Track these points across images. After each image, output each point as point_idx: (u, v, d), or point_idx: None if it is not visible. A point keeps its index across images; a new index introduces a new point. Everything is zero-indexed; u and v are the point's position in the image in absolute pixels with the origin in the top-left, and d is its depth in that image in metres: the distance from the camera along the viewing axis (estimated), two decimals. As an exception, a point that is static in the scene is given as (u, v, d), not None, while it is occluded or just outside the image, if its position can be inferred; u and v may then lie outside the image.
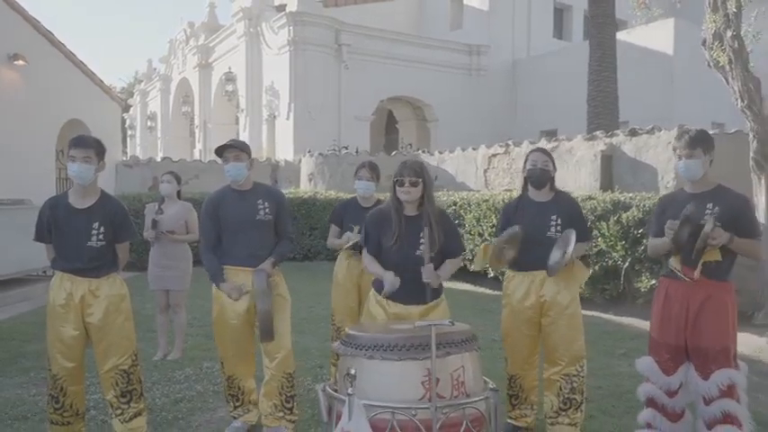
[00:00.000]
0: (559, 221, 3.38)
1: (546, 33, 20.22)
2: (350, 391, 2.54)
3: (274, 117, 17.28)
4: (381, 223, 3.23)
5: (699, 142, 3.21)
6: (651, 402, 3.37)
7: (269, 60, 17.56)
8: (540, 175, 3.46)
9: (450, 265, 3.25)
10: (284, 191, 12.64)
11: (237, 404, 3.60)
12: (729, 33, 6.45)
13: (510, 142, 10.29)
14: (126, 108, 33.99)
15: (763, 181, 6.84)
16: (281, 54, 16.56)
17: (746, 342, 6.25)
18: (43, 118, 10.62)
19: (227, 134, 20.78)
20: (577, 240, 3.34)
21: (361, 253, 3.38)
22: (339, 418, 2.57)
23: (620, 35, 16.48)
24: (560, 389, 3.40)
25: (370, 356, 2.62)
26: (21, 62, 10.04)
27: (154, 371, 4.75)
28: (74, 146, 3.36)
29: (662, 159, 7.94)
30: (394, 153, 13.48)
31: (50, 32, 10.98)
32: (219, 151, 3.57)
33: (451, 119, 18.41)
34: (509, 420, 3.65)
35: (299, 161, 14.25)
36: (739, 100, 6.61)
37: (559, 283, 3.37)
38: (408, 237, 3.17)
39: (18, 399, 4.13)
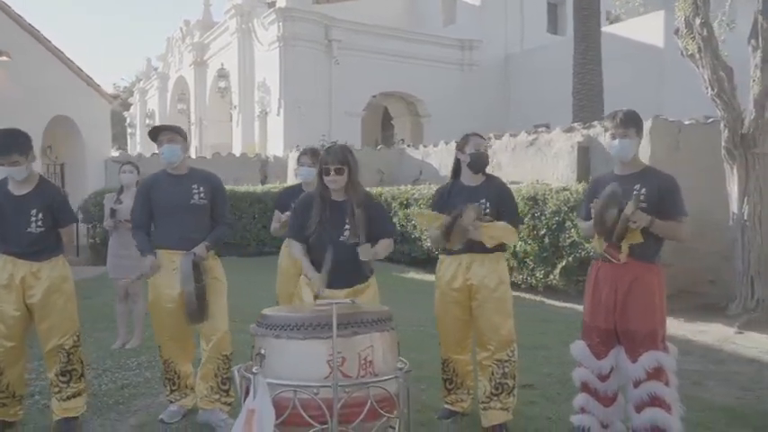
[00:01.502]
0: (488, 205, 3.38)
1: (539, 28, 20.14)
2: (255, 369, 2.56)
3: (266, 113, 17.31)
4: (308, 208, 3.24)
5: (631, 122, 3.20)
6: (585, 387, 3.36)
7: (260, 57, 17.59)
8: (480, 160, 3.48)
9: (383, 243, 3.24)
10: (269, 185, 12.79)
11: (174, 388, 3.62)
12: (698, 21, 6.42)
13: (491, 135, 10.27)
14: (127, 106, 34.25)
15: (735, 170, 6.81)
16: (272, 50, 16.59)
17: (715, 332, 6.24)
18: (29, 114, 10.67)
19: (222, 130, 20.87)
20: (503, 221, 3.36)
21: None
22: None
23: (612, 28, 16.44)
24: (492, 374, 3.40)
25: (276, 336, 2.63)
26: (4, 58, 10.11)
27: (108, 358, 4.79)
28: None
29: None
30: (379, 147, 13.48)
31: (35, 29, 11.05)
32: (154, 134, 3.59)
33: (444, 114, 18.35)
34: (446, 405, 3.65)
35: (288, 156, 14.28)
36: (709, 88, 6.58)
37: (486, 266, 3.37)
38: (333, 221, 3.18)
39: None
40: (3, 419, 3.42)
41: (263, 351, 2.65)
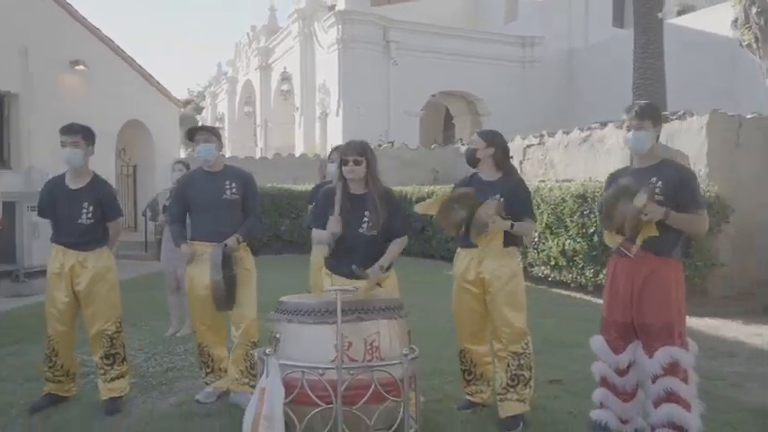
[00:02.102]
0: (501, 200, 3.42)
1: (605, 22, 19.59)
2: (268, 351, 2.75)
3: (326, 114, 17.72)
4: (330, 201, 3.40)
5: (647, 114, 3.17)
6: (603, 381, 3.34)
7: (321, 59, 18.02)
8: (470, 156, 3.55)
9: (395, 246, 3.36)
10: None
11: (209, 371, 3.87)
12: (754, 10, 6.14)
13: (544, 133, 10.15)
14: (200, 110, 35.83)
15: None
16: (331, 52, 16.97)
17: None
18: (104, 119, 11.40)
19: (286, 132, 21.50)
20: (519, 217, 3.40)
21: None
22: (267, 377, 2.76)
23: (683, 20, 15.78)
24: (508, 365, 3.44)
25: (289, 320, 2.81)
26: (82, 67, 10.89)
27: (159, 344, 5.14)
28: (63, 132, 3.72)
29: (693, 145, 7.61)
30: (433, 147, 13.54)
31: (110, 40, 11.82)
32: (191, 134, 3.85)
33: (504, 112, 18.15)
34: (467, 396, 3.72)
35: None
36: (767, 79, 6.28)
37: (498, 260, 3.41)
38: (353, 214, 3.32)
39: (35, 363, 4.58)
40: (58, 394, 3.77)
41: (278, 335, 2.83)
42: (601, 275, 7.63)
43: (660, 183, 3.08)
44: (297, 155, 16.56)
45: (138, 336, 5.45)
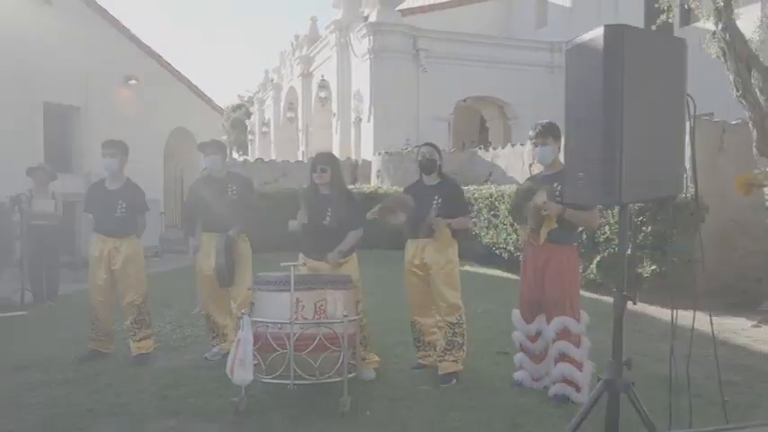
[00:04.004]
0: (440, 201, 4.23)
1: (636, 26, 19.76)
2: (244, 311, 3.68)
3: (360, 120, 18.69)
4: (302, 200, 4.31)
5: (549, 132, 3.95)
6: (521, 347, 4.14)
7: (356, 67, 19.00)
8: (426, 164, 4.35)
9: (352, 235, 4.22)
10: (351, 186, 14.04)
11: (214, 335, 4.85)
12: (720, 26, 6.69)
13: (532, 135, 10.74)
14: (249, 115, 37.52)
15: (768, 169, 6.95)
16: (364, 61, 17.93)
17: (733, 324, 6.50)
18: (153, 127, 12.76)
19: (325, 136, 22.61)
20: (454, 215, 4.22)
21: None
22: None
23: (705, 24, 15.95)
24: (446, 333, 4.25)
25: (260, 289, 3.74)
26: (134, 81, 12.21)
27: (185, 318, 6.19)
28: (103, 146, 4.79)
29: (678, 150, 8.15)
30: (452, 150, 14.29)
31: (159, 55, 13.13)
32: (202, 148, 4.83)
33: (532, 116, 18.51)
34: (418, 360, 4.55)
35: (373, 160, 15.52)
36: (734, 90, 6.81)
37: (437, 248, 4.22)
38: (319, 209, 4.21)
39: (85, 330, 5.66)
40: (100, 350, 4.83)
41: (253, 301, 3.77)
42: (588, 270, 8.27)
43: (560, 187, 3.84)
44: (330, 158, 17.63)
45: (169, 313, 6.51)
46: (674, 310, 2.78)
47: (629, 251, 7.44)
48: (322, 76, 20.60)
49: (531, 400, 3.84)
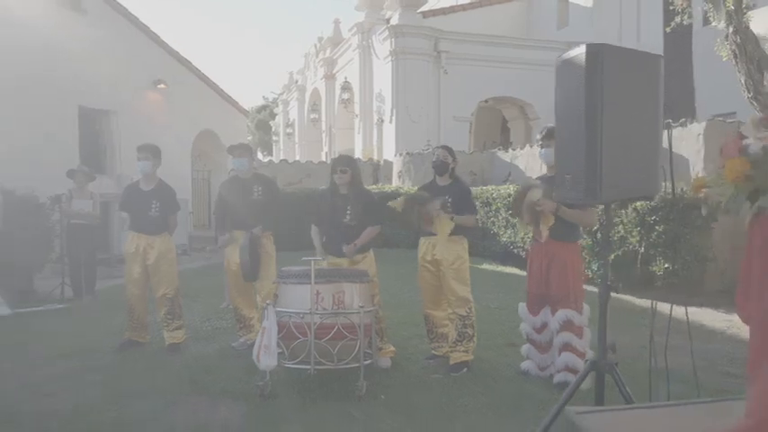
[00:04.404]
0: (450, 200, 4.50)
1: (658, 24, 19.71)
2: (268, 302, 4.00)
3: (382, 121, 18.98)
4: (323, 200, 4.62)
5: (553, 135, 4.18)
6: (528, 338, 4.40)
7: (377, 69, 19.31)
8: (439, 166, 4.62)
9: (368, 231, 4.52)
10: (373, 187, 14.35)
11: (241, 326, 5.19)
12: (731, 29, 6.83)
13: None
14: (273, 116, 38.09)
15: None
16: (386, 63, 18.22)
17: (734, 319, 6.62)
18: (181, 129, 13.24)
19: (348, 137, 22.97)
20: (461, 213, 4.47)
21: None
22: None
23: (719, 26, 15.90)
24: (456, 325, 4.52)
25: (284, 282, 4.05)
26: (163, 86, 12.69)
27: (213, 312, 6.54)
28: (138, 150, 5.16)
29: (692, 150, 8.28)
30: (471, 152, 14.50)
31: (187, 60, 13.60)
32: (231, 150, 5.17)
33: (553, 117, 18.77)
34: (432, 351, 4.83)
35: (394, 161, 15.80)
36: (746, 91, 6.94)
37: (447, 245, 4.48)
38: (339, 208, 4.52)
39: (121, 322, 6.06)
40: (136, 339, 5.21)
41: (277, 293, 4.09)
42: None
43: (558, 186, 4.09)
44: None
45: (200, 307, 6.88)
46: (672, 305, 2.96)
47: (641, 249, 7.63)
48: (345, 77, 20.95)
49: (535, 387, 4.09)
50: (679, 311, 3.19)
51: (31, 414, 3.67)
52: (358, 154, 20.01)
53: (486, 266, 10.30)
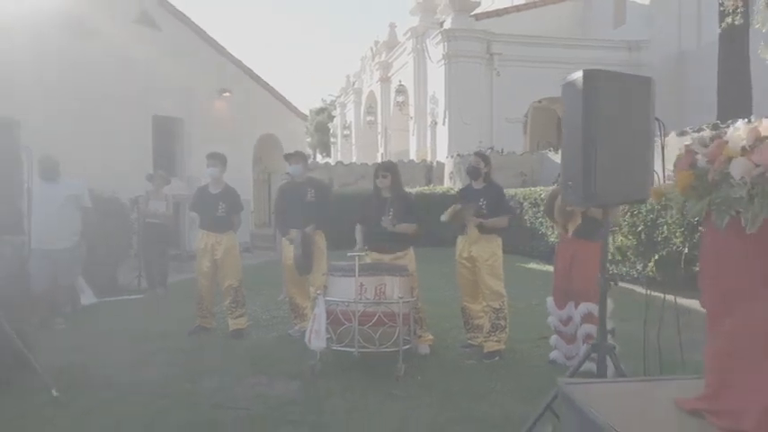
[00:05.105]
0: (485, 202, 4.90)
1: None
2: (319, 292, 4.54)
3: (435, 123, 19.39)
4: (368, 201, 5.13)
5: None
6: (556, 330, 4.76)
7: (431, 72, 19.73)
8: (472, 172, 5.04)
9: (407, 225, 4.98)
10: (425, 188, 14.79)
11: (296, 315, 5.77)
12: (772, 32, 6.90)
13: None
14: (331, 119, 39.09)
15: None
16: (440, 66, 18.62)
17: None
18: (244, 134, 14.08)
19: (403, 139, 23.49)
20: (495, 215, 4.86)
21: None
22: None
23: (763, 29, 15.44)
24: (490, 317, 4.92)
25: (331, 274, 4.59)
26: (227, 94, 13.56)
27: (272, 303, 7.18)
28: (208, 158, 5.82)
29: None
30: (522, 153, 14.69)
31: (249, 68, 14.44)
32: (287, 158, 5.75)
33: (609, 116, 18.66)
34: (468, 341, 5.25)
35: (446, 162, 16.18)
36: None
37: (482, 243, 4.89)
38: (382, 209, 5.01)
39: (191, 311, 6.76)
40: (204, 326, 5.87)
41: (326, 284, 4.62)
42: (648, 268, 8.59)
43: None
44: (406, 160, 18.45)
45: (259, 299, 7.54)
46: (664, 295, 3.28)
47: (686, 250, 7.76)
48: (399, 80, 21.47)
49: (561, 375, 4.42)
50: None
51: (125, 384, 4.33)
52: (412, 155, 20.49)
53: (533, 265, 10.57)
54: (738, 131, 1.81)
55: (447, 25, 18.05)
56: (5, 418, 3.71)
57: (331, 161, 27.08)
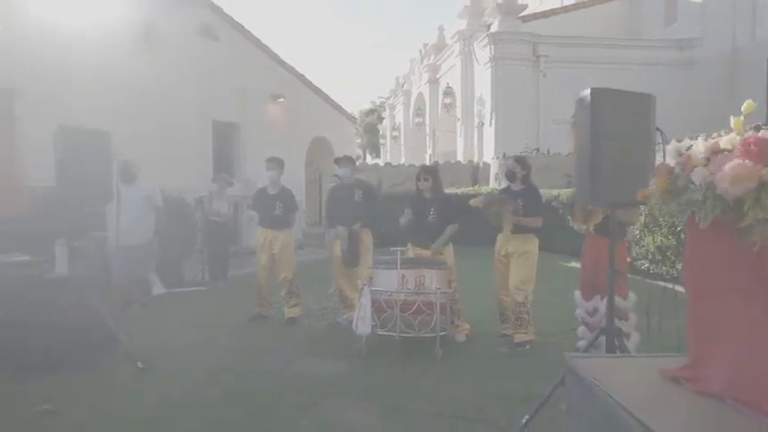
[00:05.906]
0: (521, 203, 5.31)
1: (776, 17, 18.82)
2: (365, 282, 5.07)
3: (482, 124, 19.71)
4: (412, 202, 5.63)
5: None
6: (583, 321, 5.13)
7: (478, 74, 20.06)
8: (509, 174, 5.46)
9: (449, 229, 5.46)
10: (457, 189, 15.13)
11: (344, 305, 6.32)
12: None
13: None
14: (381, 120, 39.75)
15: None
16: (486, 69, 18.93)
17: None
18: (297, 137, 14.81)
19: (450, 140, 23.88)
20: (528, 215, 5.26)
21: None
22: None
23: None
24: (514, 310, 5.33)
25: (377, 267, 5.11)
26: (281, 99, 14.30)
27: (323, 295, 7.77)
28: (267, 161, 6.45)
29: None
30: (567, 154, 14.85)
31: (301, 74, 15.16)
32: (337, 161, 6.31)
33: (661, 115, 18.20)
34: (502, 331, 5.67)
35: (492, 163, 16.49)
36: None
37: (518, 242, 5.30)
38: (424, 209, 5.50)
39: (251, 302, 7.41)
40: (262, 313, 6.50)
41: (371, 276, 5.15)
42: (676, 267, 8.75)
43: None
44: (453, 161, 18.85)
45: (312, 292, 8.14)
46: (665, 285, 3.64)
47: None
48: (447, 83, 21.88)
49: (585, 361, 4.83)
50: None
51: (195, 361, 4.98)
52: (459, 156, 20.87)
53: (573, 264, 10.80)
54: (698, 146, 2.21)
55: (494, 28, 18.35)
56: (100, 383, 4.40)
57: (380, 162, 27.71)
